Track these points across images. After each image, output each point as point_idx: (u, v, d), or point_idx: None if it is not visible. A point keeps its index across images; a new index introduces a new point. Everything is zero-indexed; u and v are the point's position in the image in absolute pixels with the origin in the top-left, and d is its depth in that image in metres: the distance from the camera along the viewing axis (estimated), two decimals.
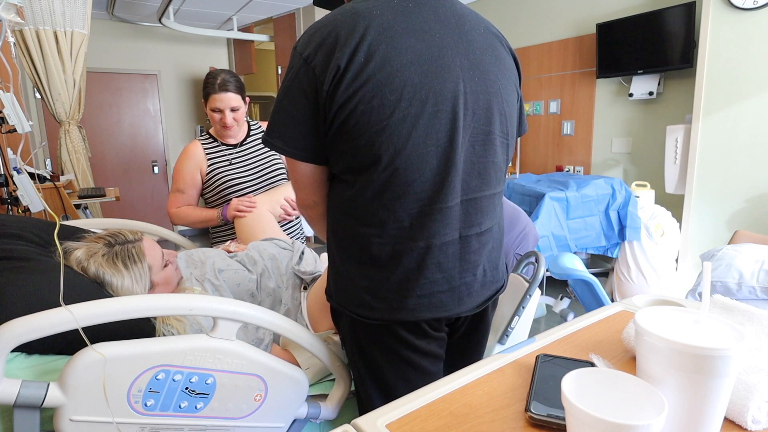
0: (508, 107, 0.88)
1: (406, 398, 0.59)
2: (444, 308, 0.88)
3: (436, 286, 0.86)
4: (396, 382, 0.94)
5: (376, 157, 0.78)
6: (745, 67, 2.57)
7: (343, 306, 0.91)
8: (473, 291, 0.90)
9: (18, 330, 0.72)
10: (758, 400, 0.51)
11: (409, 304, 0.86)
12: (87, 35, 3.47)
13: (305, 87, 0.78)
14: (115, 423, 0.81)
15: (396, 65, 0.76)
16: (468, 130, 0.82)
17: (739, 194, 2.69)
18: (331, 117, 0.78)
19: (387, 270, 0.85)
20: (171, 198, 1.79)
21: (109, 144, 5.31)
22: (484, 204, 0.88)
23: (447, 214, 0.83)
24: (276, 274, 1.32)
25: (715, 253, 1.79)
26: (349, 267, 0.89)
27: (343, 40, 0.76)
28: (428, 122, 0.78)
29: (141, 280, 1.07)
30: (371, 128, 0.77)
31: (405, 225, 0.82)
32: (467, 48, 0.82)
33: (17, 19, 1.51)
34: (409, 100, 0.77)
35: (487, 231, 0.90)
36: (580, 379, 0.44)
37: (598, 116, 3.67)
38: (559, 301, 2.72)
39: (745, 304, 0.71)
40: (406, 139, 0.78)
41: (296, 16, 4.87)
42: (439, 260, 0.85)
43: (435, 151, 0.80)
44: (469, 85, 0.81)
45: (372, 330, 0.91)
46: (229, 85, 1.69)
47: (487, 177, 0.87)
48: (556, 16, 3.83)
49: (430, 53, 0.78)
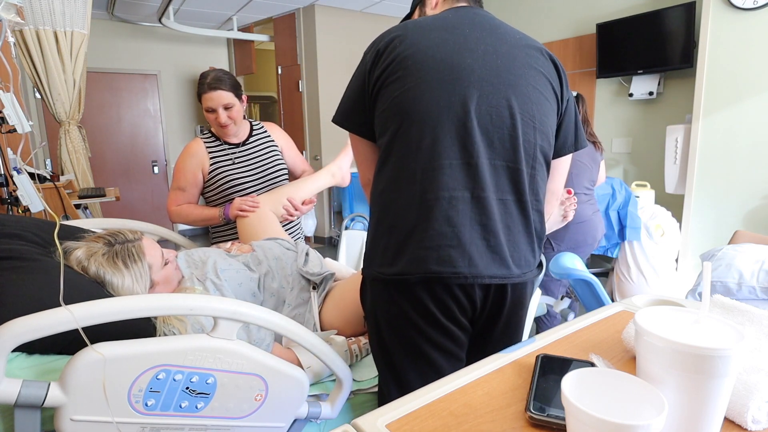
0: (534, 92, 0.94)
1: (406, 398, 0.59)
2: (452, 263, 0.88)
3: (444, 240, 0.89)
4: (411, 374, 0.96)
5: (397, 115, 0.92)
6: (745, 67, 2.57)
7: (368, 268, 0.98)
8: (485, 256, 0.90)
9: (18, 330, 0.72)
10: (758, 400, 0.51)
11: (419, 254, 0.89)
12: (87, 35, 3.47)
13: (359, 73, 0.99)
14: (116, 423, 0.81)
15: (421, 46, 0.93)
16: (486, 98, 0.91)
17: (739, 194, 2.69)
18: (371, 90, 0.96)
19: (400, 222, 0.92)
20: (171, 196, 1.77)
21: (109, 144, 5.31)
22: (499, 172, 0.92)
23: (457, 170, 0.90)
24: (280, 274, 1.32)
25: (715, 253, 1.79)
26: (373, 229, 0.98)
27: (387, 36, 0.96)
28: (443, 87, 0.90)
29: (141, 279, 1.07)
30: (396, 92, 0.92)
31: (417, 178, 0.90)
32: (495, 42, 0.95)
33: (17, 19, 1.51)
34: (427, 70, 0.91)
35: (502, 201, 0.92)
36: (580, 379, 0.44)
37: (598, 116, 3.67)
38: (559, 301, 2.71)
39: (745, 304, 0.71)
40: (421, 99, 0.90)
41: (296, 16, 4.87)
42: (448, 213, 0.89)
43: (447, 112, 0.90)
44: (491, 63, 0.92)
45: (392, 306, 0.95)
46: (220, 83, 1.67)
47: (509, 148, 0.92)
48: (556, 16, 3.83)
49: (454, 40, 0.93)
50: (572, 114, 1.04)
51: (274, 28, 5.21)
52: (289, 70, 5.18)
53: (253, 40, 5.41)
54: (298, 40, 4.93)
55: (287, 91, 5.28)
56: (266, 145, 1.87)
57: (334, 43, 4.84)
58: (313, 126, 5.04)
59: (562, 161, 1.07)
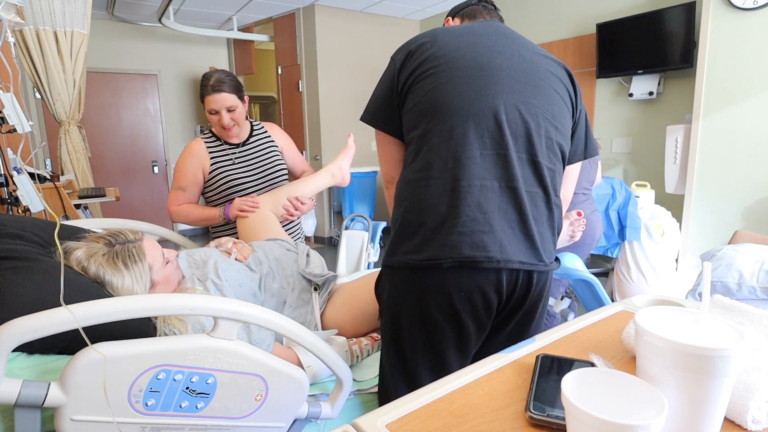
0: (555, 96, 1.01)
1: (406, 398, 0.59)
2: (485, 248, 0.90)
3: (477, 225, 0.91)
4: (422, 371, 0.97)
5: (430, 108, 0.96)
6: (745, 67, 2.57)
7: (393, 256, 0.98)
8: (514, 243, 0.92)
9: (18, 330, 0.72)
10: (758, 400, 0.51)
11: (452, 240, 0.90)
12: (87, 35, 3.47)
13: (388, 74, 1.05)
14: (116, 423, 0.81)
15: (452, 47, 0.99)
16: (514, 95, 0.96)
17: (739, 194, 2.69)
18: (401, 88, 1.01)
19: (432, 209, 0.93)
20: (171, 195, 1.78)
21: (109, 144, 5.31)
22: (525, 166, 0.95)
23: (488, 160, 0.93)
24: (281, 275, 1.32)
25: (715, 253, 1.79)
26: (401, 218, 0.99)
27: (418, 38, 1.03)
28: (474, 82, 0.95)
29: (141, 279, 1.07)
30: (428, 87, 0.97)
31: (449, 166, 0.93)
32: (520, 49, 1.01)
33: (17, 19, 1.51)
34: (459, 67, 0.96)
35: (530, 193, 0.95)
36: (580, 379, 0.44)
37: (598, 116, 3.67)
38: (559, 300, 2.71)
39: (745, 304, 0.71)
40: (453, 92, 0.95)
41: (296, 16, 4.87)
42: (479, 200, 0.91)
43: (478, 104, 0.94)
44: (517, 65, 0.98)
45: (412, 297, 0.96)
46: (223, 85, 1.67)
47: (533, 142, 0.96)
48: (556, 16, 3.83)
49: (483, 43, 1.00)
50: (584, 124, 1.10)
51: (274, 28, 5.21)
52: (289, 70, 5.18)
53: (253, 40, 5.41)
54: (298, 40, 4.93)
55: (287, 91, 5.28)
56: (266, 145, 1.87)
57: (334, 43, 4.84)
58: (313, 126, 5.04)
59: (572, 168, 1.12)
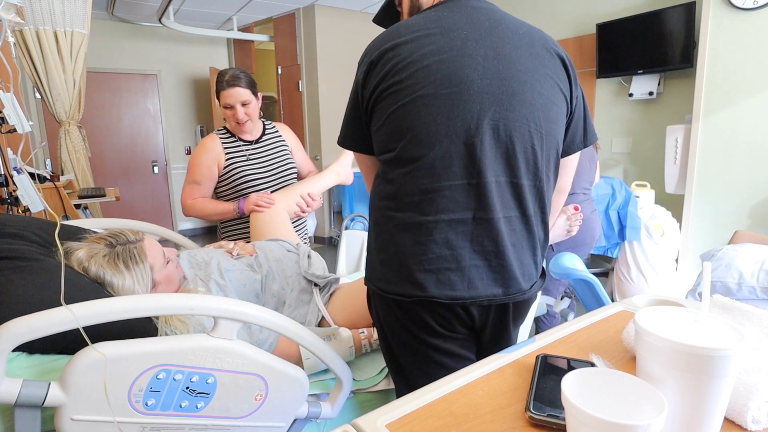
0: (541, 99, 0.88)
1: (406, 398, 0.59)
2: (452, 287, 0.87)
3: (444, 263, 0.87)
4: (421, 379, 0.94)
5: (394, 133, 0.88)
6: (745, 67, 2.57)
7: (370, 281, 0.97)
8: (486, 278, 0.88)
9: (19, 329, 0.72)
10: (758, 400, 0.51)
11: (418, 277, 0.87)
12: (87, 35, 3.47)
13: (353, 88, 0.95)
14: (116, 422, 0.81)
15: (416, 56, 0.86)
16: (488, 112, 0.85)
17: (739, 194, 2.69)
18: (365, 105, 0.92)
19: (399, 242, 0.89)
20: (186, 189, 1.82)
21: (109, 144, 5.31)
22: (503, 189, 0.87)
23: (458, 192, 0.85)
24: (281, 276, 1.32)
25: (715, 253, 1.79)
26: (373, 240, 0.97)
27: (379, 47, 0.90)
28: (441, 102, 0.84)
29: (143, 280, 1.08)
30: (390, 107, 0.88)
31: (415, 199, 0.87)
32: (497, 43, 0.87)
33: (17, 19, 1.51)
34: (423, 83, 0.85)
35: (507, 218, 0.88)
36: (580, 379, 0.44)
37: (598, 116, 3.67)
38: (559, 300, 2.72)
39: (745, 304, 0.71)
40: (417, 116, 0.85)
41: (296, 16, 4.87)
42: (448, 236, 0.86)
43: (446, 129, 0.84)
44: (492, 71, 0.86)
45: (394, 319, 0.94)
46: (238, 81, 1.74)
47: (513, 163, 0.87)
48: (556, 16, 3.83)
49: (451, 45, 0.86)
50: (581, 110, 1.00)
51: (274, 28, 5.21)
52: (289, 70, 5.18)
53: (253, 40, 5.41)
54: (298, 40, 4.92)
55: (287, 91, 5.28)
56: (278, 144, 1.94)
57: (334, 43, 4.84)
58: (313, 126, 5.04)
59: (571, 158, 1.04)
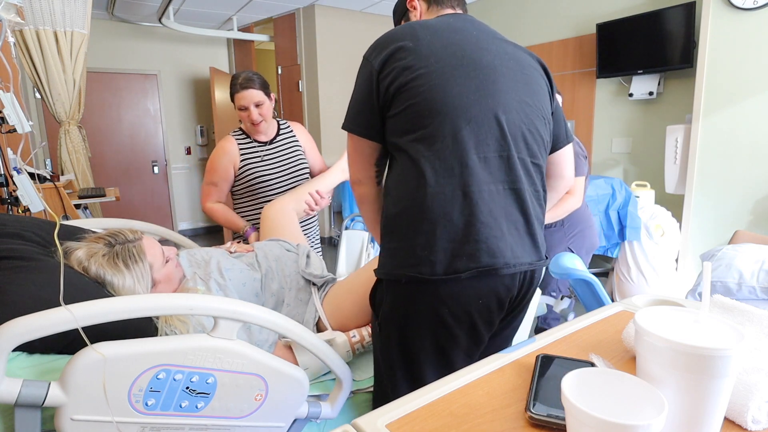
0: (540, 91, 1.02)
1: (406, 398, 0.59)
2: (501, 254, 0.90)
3: (491, 231, 0.90)
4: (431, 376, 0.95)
5: (425, 111, 0.91)
6: (745, 67, 2.57)
7: (395, 270, 0.94)
8: (520, 245, 0.94)
9: (19, 329, 0.72)
10: (758, 400, 0.51)
11: (469, 249, 0.89)
12: (87, 35, 3.47)
13: (365, 76, 0.98)
14: (116, 422, 0.81)
15: (437, 44, 0.93)
16: (511, 93, 0.94)
17: (739, 194, 2.69)
18: (386, 90, 0.94)
19: (440, 218, 0.90)
20: (204, 190, 1.92)
21: (109, 144, 5.31)
22: (524, 166, 0.95)
23: (493, 163, 0.92)
24: (280, 275, 1.32)
25: (715, 253, 1.79)
26: (401, 227, 0.94)
27: (397, 38, 0.95)
28: (472, 82, 0.92)
29: (143, 279, 1.08)
30: (420, 89, 0.91)
31: (456, 171, 0.90)
32: (500, 44, 0.99)
33: (17, 19, 1.51)
34: (452, 66, 0.92)
35: (528, 192, 0.96)
36: (580, 379, 0.44)
37: (598, 116, 3.67)
38: (560, 300, 2.71)
39: (745, 304, 0.71)
40: (452, 94, 0.90)
41: (296, 16, 4.87)
42: (490, 206, 0.91)
43: (479, 106, 0.91)
44: (506, 62, 0.96)
45: (417, 305, 0.93)
46: (251, 83, 1.79)
47: (526, 142, 0.96)
48: (556, 16, 3.83)
49: (467, 39, 0.96)
50: (560, 110, 1.12)
51: (274, 28, 5.21)
52: (289, 70, 5.18)
53: (253, 40, 5.41)
54: (298, 40, 4.92)
55: (287, 91, 5.28)
56: (291, 144, 1.98)
57: (334, 43, 4.84)
58: (313, 126, 5.04)
59: (566, 150, 1.13)
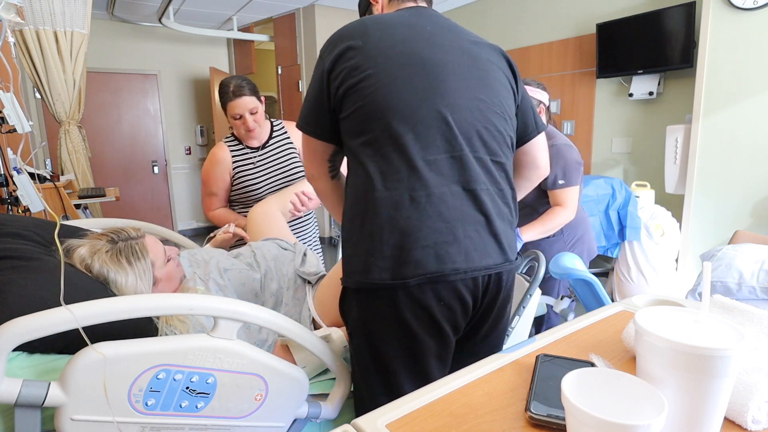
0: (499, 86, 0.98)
1: (406, 398, 0.59)
2: (451, 259, 0.87)
3: (440, 236, 0.87)
4: (406, 385, 0.92)
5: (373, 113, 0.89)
6: (745, 67, 2.57)
7: (350, 277, 0.93)
8: (480, 248, 0.90)
9: (19, 329, 0.72)
10: (758, 400, 0.51)
11: (415, 256, 0.86)
12: (87, 35, 3.47)
13: (317, 75, 0.96)
14: (116, 422, 0.81)
15: (388, 42, 0.91)
16: (463, 91, 0.92)
17: (739, 194, 2.69)
18: (335, 91, 0.93)
19: (391, 223, 0.88)
20: (206, 201, 1.93)
21: (109, 144, 5.31)
22: (482, 165, 0.92)
23: (444, 165, 0.89)
24: (278, 275, 1.32)
25: (715, 253, 1.79)
26: (354, 233, 0.93)
27: (347, 36, 0.94)
28: (420, 82, 0.90)
29: (145, 275, 1.08)
30: (367, 90, 0.89)
31: (403, 176, 0.88)
32: (458, 39, 0.96)
33: (17, 19, 1.51)
34: (400, 65, 0.90)
35: (488, 191, 0.92)
36: (580, 379, 0.44)
37: (598, 116, 3.67)
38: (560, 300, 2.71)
39: (745, 304, 0.71)
40: (398, 95, 0.89)
41: (296, 16, 4.87)
42: (440, 209, 0.88)
43: (426, 106, 0.89)
44: (459, 57, 0.94)
45: (380, 313, 0.90)
46: (243, 90, 1.76)
47: (483, 139, 0.93)
48: (556, 16, 3.83)
49: (420, 36, 0.93)
50: (528, 99, 1.09)
51: (274, 28, 5.21)
52: (289, 70, 5.18)
53: (253, 40, 5.41)
54: (298, 40, 4.92)
55: (287, 91, 5.28)
56: (284, 146, 1.96)
57: None
58: None
59: (538, 139, 1.10)
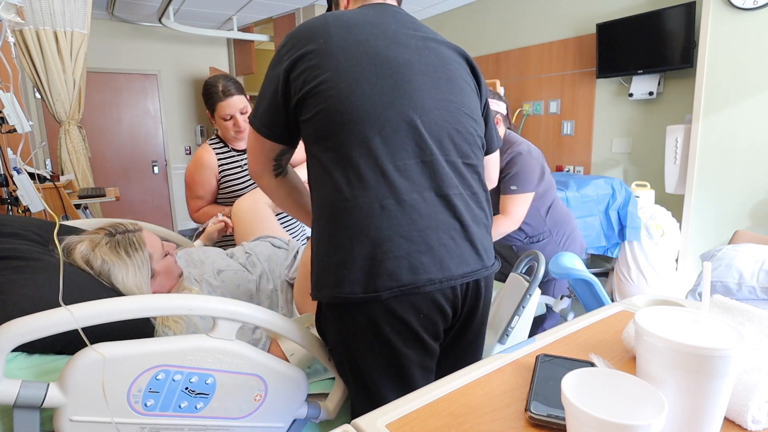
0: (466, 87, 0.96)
1: (406, 398, 0.59)
2: (425, 270, 0.83)
3: (413, 246, 0.83)
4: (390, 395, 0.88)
5: (336, 117, 0.84)
6: (745, 67, 2.57)
7: (321, 291, 0.88)
8: (457, 255, 0.87)
9: (18, 330, 0.72)
10: (758, 400, 0.51)
11: (388, 267, 0.82)
12: (87, 35, 3.47)
13: (274, 73, 0.91)
14: (115, 423, 0.81)
15: (351, 40, 0.86)
16: (430, 92, 0.88)
17: (739, 194, 2.69)
18: (295, 92, 0.88)
19: (360, 234, 0.83)
20: (191, 204, 1.87)
21: (109, 144, 5.31)
22: (453, 168, 0.89)
23: (414, 170, 0.85)
24: (273, 275, 1.33)
25: (715, 253, 1.79)
26: (322, 244, 0.88)
27: (309, 34, 0.88)
28: (385, 83, 0.85)
29: (143, 267, 1.10)
30: (329, 92, 0.84)
31: (371, 183, 0.83)
32: (423, 40, 0.93)
33: (17, 19, 1.51)
34: (364, 65, 0.85)
35: (461, 195, 0.89)
36: (580, 379, 0.44)
37: (598, 116, 3.67)
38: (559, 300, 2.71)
39: (745, 304, 0.71)
40: (363, 98, 0.84)
41: (296, 16, 4.87)
42: (412, 217, 0.83)
43: (393, 109, 0.85)
44: (425, 57, 0.90)
45: (358, 328, 0.87)
46: (232, 89, 1.73)
47: (453, 142, 0.90)
48: (556, 16, 3.83)
49: (384, 34, 0.89)
50: (491, 113, 1.07)
51: (274, 28, 5.21)
52: None
53: (253, 40, 5.41)
54: None
55: None
56: None
57: None
58: None
59: (493, 156, 1.11)
